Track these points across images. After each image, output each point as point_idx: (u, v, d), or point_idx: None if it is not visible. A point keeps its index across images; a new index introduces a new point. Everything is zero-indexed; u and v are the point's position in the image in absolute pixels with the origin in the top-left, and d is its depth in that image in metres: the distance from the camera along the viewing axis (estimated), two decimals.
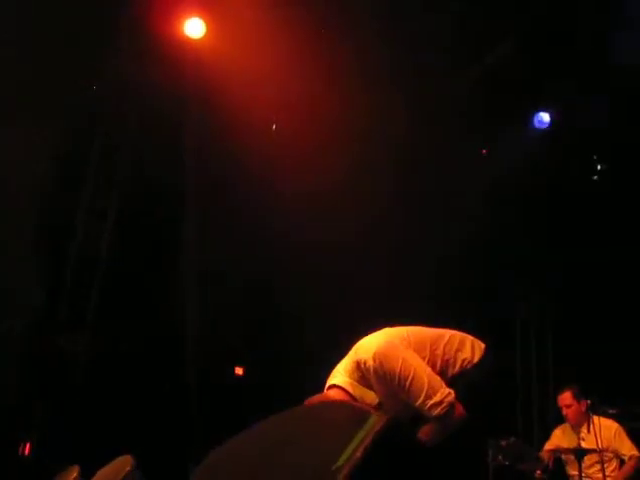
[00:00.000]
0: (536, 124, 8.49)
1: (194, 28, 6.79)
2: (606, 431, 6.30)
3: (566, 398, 6.55)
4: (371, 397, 3.57)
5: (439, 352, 3.70)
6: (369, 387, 3.59)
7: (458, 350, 3.76)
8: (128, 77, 7.06)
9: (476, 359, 3.77)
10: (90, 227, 7.05)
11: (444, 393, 3.48)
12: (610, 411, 6.18)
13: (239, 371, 7.41)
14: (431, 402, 3.44)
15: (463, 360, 3.74)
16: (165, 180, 7.50)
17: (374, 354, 3.51)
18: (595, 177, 8.85)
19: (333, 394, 3.57)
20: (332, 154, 7.64)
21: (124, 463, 4.03)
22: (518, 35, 7.24)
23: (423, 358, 3.61)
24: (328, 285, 8.05)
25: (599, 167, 8.78)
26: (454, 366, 3.70)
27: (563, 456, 6.55)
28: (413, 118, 7.87)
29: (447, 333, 3.83)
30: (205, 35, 6.88)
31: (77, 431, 6.35)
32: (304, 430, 2.24)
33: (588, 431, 6.37)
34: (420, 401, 3.46)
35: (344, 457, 1.98)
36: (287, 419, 2.35)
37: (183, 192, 7.76)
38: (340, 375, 3.66)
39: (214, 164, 7.75)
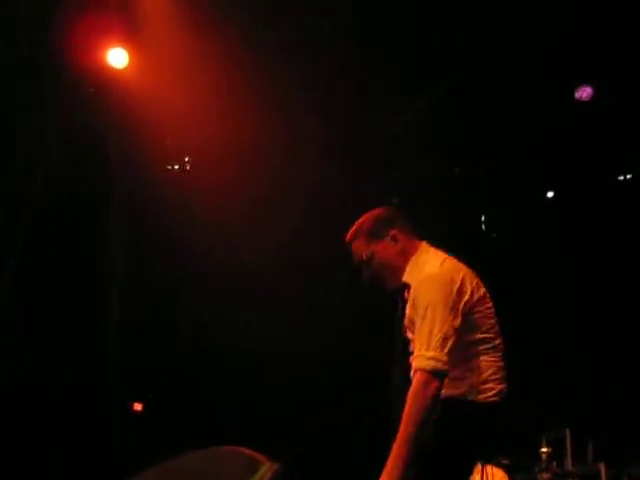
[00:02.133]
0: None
1: (117, 58, 6.81)
2: None
3: None
4: (400, 274, 3.32)
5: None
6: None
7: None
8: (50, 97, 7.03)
9: None
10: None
11: (440, 356, 2.97)
12: (503, 462, 6.29)
13: (138, 407, 7.28)
14: (422, 352, 3.00)
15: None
16: (86, 197, 7.56)
17: (425, 278, 3.16)
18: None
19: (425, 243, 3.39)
20: (244, 185, 7.72)
21: None
22: (448, 84, 7.41)
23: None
24: (237, 312, 8.08)
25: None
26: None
27: None
28: (327, 155, 8.00)
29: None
30: (128, 65, 6.90)
31: None
32: (195, 477, 2.25)
33: None
34: (417, 337, 3.06)
35: None
36: (178, 466, 2.35)
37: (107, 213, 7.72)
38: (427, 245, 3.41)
39: (135, 188, 7.78)
